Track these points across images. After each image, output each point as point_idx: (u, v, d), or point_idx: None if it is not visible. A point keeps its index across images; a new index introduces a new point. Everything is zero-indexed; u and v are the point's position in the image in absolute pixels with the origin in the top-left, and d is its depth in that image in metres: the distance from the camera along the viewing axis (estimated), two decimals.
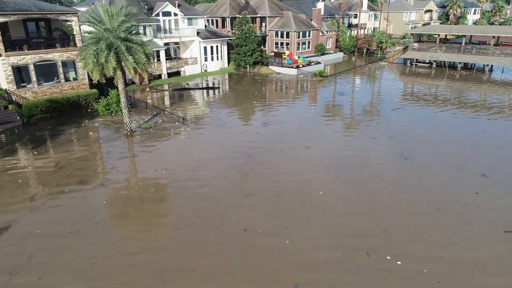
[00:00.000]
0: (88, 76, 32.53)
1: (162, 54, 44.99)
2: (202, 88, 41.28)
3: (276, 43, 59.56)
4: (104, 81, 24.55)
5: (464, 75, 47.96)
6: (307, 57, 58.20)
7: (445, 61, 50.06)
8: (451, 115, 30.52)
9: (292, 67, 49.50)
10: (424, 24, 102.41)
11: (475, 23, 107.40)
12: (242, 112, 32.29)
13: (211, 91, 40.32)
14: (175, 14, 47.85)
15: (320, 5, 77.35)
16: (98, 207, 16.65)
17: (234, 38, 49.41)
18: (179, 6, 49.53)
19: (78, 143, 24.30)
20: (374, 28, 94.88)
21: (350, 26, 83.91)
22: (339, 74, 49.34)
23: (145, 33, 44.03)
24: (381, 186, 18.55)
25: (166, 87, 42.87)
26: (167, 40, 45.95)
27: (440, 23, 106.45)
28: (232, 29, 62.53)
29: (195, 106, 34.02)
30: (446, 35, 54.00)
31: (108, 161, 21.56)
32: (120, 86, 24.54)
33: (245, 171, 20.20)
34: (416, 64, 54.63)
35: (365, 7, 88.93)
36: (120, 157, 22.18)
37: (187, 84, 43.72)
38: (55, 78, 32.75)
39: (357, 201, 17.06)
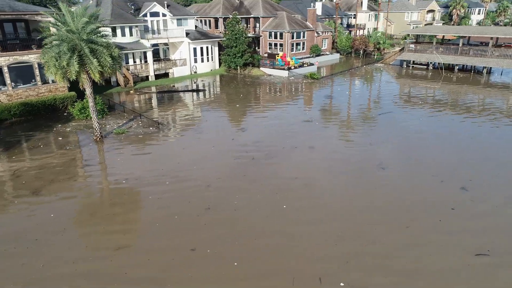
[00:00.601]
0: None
1: (149, 56, 44.02)
2: (187, 91, 40.21)
3: (270, 44, 58.36)
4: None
5: (461, 77, 46.36)
6: (301, 58, 56.94)
7: (440, 63, 48.46)
8: (439, 120, 29.11)
9: (283, 69, 48.26)
10: (426, 25, 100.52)
11: (479, 23, 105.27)
12: (222, 116, 31.16)
13: (196, 94, 39.19)
14: (164, 15, 46.86)
15: (318, 5, 76.13)
16: (42, 222, 15.59)
17: (225, 39, 48.26)
18: (168, 6, 48.54)
19: (44, 149, 23.32)
20: (374, 28, 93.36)
21: (349, 26, 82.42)
22: (331, 76, 48.01)
23: (131, 34, 43.17)
24: (349, 201, 17.28)
25: (153, 89, 41.89)
26: (154, 41, 44.97)
27: (443, 23, 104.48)
28: (225, 30, 61.46)
29: (176, 109, 32.94)
30: (443, 36, 52.30)
31: (69, 169, 20.53)
32: (88, 90, 23.50)
33: (209, 182, 19.04)
34: (413, 66, 53.09)
35: (365, 7, 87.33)
36: (83, 165, 21.17)
37: (173, 86, 42.68)
38: (32, 80, 31.85)
39: (322, 218, 15.84)
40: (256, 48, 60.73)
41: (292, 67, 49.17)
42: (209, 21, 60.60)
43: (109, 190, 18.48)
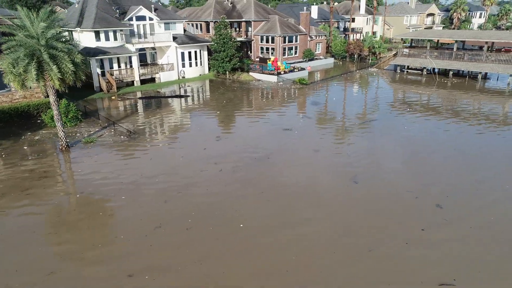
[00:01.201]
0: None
1: (134, 60, 43.10)
2: (170, 97, 39.17)
3: (262, 48, 57.34)
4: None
5: (455, 83, 44.96)
6: (293, 63, 55.83)
7: (435, 68, 47.10)
8: (425, 129, 27.78)
9: (273, 74, 47.13)
10: (426, 28, 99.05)
11: (480, 27, 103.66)
12: (199, 124, 30.06)
13: (179, 100, 38.14)
14: (151, 19, 45.99)
15: (313, 9, 75.20)
16: None
17: (213, 43, 47.26)
18: (156, 10, 47.69)
19: (5, 160, 22.33)
20: (374, 32, 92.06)
21: (346, 30, 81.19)
22: (321, 82, 46.80)
23: (115, 38, 42.30)
24: (312, 219, 16.05)
25: (139, 94, 40.96)
26: (139, 46, 44.06)
27: (443, 27, 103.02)
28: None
29: (154, 116, 31.88)
30: (438, 40, 50.92)
31: (24, 182, 19.49)
32: (51, 98, 22.51)
33: (168, 197, 17.90)
34: (407, 71, 51.75)
35: (362, 11, 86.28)
36: (40, 177, 20.11)
37: (158, 92, 41.71)
38: (6, 86, 30.96)
39: (289, 240, 14.63)
40: (249, 52, 59.77)
41: (282, 72, 48.03)
42: (200, 25, 59.72)
43: (60, 205, 17.40)
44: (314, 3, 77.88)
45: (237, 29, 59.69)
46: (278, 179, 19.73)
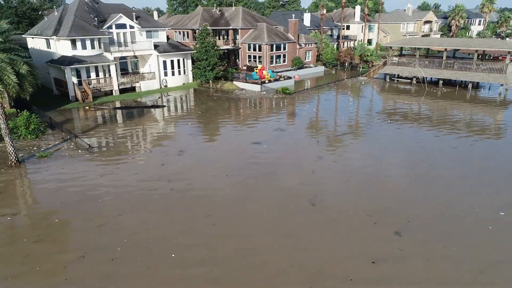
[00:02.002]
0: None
1: (113, 69, 42.01)
2: (145, 107, 37.92)
3: (249, 57, 56.14)
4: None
5: (445, 92, 43.35)
6: (281, 71, 54.55)
7: (424, 77, 45.55)
8: (402, 143, 26.20)
9: (257, 83, 45.81)
10: (423, 36, 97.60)
11: (479, 34, 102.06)
12: (166, 136, 28.71)
13: (155, 110, 36.87)
14: (131, 27, 44.98)
15: (306, 17, 74.15)
16: None
17: (195, 51, 46.12)
18: (138, 18, 46.71)
19: None
20: (369, 39, 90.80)
21: (339, 38, 79.92)
22: (306, 91, 45.39)
23: (93, 47, 41.27)
24: (254, 249, 14.54)
25: (118, 104, 39.80)
26: (118, 54, 42.96)
27: (441, 34, 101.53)
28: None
29: (122, 128, 30.59)
30: (428, 49, 49.41)
31: None
32: None
33: (107, 220, 16.48)
34: (397, 80, 50.22)
35: (357, 18, 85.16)
36: None
37: (135, 101, 40.53)
38: None
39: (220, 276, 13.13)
40: (237, 60, 58.64)
41: (266, 81, 46.70)
42: (187, 32, 58.70)
43: None
44: (307, 11, 76.70)
45: (225, 37, 58.64)
46: (229, 200, 18.26)
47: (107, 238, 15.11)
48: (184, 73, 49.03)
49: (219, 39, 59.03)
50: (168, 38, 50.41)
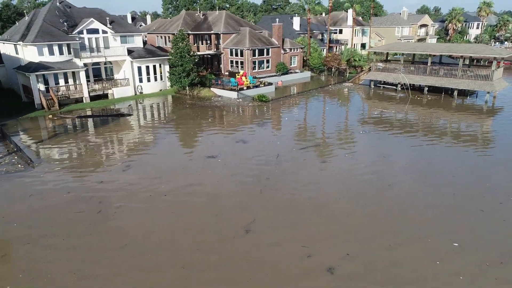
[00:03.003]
0: None
1: (82, 75, 40.50)
2: (110, 116, 36.29)
3: (232, 62, 54.49)
4: None
5: (430, 100, 41.35)
6: (264, 77, 52.86)
7: (407, 84, 43.58)
8: (369, 157, 24.29)
9: (234, 90, 44.08)
10: (419, 40, 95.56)
11: (476, 38, 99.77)
12: (118, 149, 27.00)
13: (119, 119, 35.23)
14: (104, 32, 43.50)
15: (295, 21, 72.49)
16: None
17: (170, 57, 44.53)
18: (112, 22, 45.25)
19: None
20: (362, 44, 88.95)
21: (331, 42, 78.08)
22: (285, 98, 43.56)
23: (61, 53, 39.82)
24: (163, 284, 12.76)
25: (89, 112, 38.30)
26: (88, 60, 41.49)
27: (438, 38, 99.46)
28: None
29: (76, 139, 28.91)
30: (414, 54, 47.47)
31: None
32: None
33: (16, 245, 14.78)
34: (383, 86, 48.29)
35: (350, 22, 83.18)
36: None
37: (103, 109, 38.95)
38: None
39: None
40: (220, 66, 57.03)
41: (245, 88, 44.98)
42: (168, 37, 57.15)
43: None
44: (296, 14, 75.00)
45: (208, 41, 57.09)
46: (160, 227, 16.49)
47: (21, 264, 13.40)
48: (161, 79, 47.45)
49: (202, 44, 57.56)
50: (145, 43, 48.95)
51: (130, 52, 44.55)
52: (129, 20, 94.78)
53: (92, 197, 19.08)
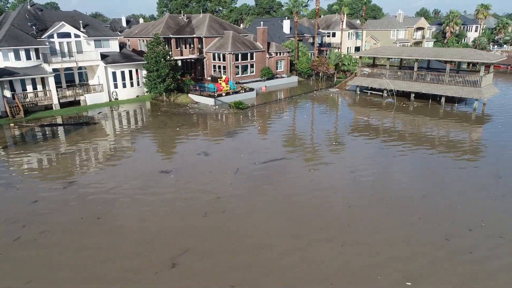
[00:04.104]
0: None
1: (51, 81, 38.75)
2: (73, 124, 34.48)
3: (214, 67, 52.65)
4: None
5: (416, 107, 39.23)
6: (248, 82, 50.98)
7: (392, 90, 41.51)
8: (335, 174, 22.26)
9: (211, 96, 42.18)
10: (415, 43, 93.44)
11: (474, 41, 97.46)
12: (67, 163, 25.08)
13: (83, 127, 33.41)
14: (77, 36, 41.82)
15: (285, 24, 70.66)
16: None
17: (145, 62, 42.72)
18: (86, 26, 43.62)
19: None
20: (356, 47, 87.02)
21: (323, 45, 76.21)
22: (264, 105, 41.58)
23: (28, 58, 38.15)
24: None
25: (59, 119, 36.63)
26: (58, 66, 39.77)
27: (435, 41, 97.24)
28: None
29: (30, 151, 27.07)
30: (401, 59, 45.38)
31: None
32: None
33: None
34: (370, 92, 46.21)
35: (344, 25, 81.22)
36: None
37: (70, 117, 37.16)
38: None
39: None
40: (204, 70, 55.19)
41: (223, 94, 43.09)
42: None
43: None
44: (286, 17, 73.15)
45: (191, 45, 55.30)
46: (86, 256, 14.57)
47: None
48: (138, 85, 45.69)
49: (185, 48, 55.81)
50: (122, 47, 47.25)
51: (104, 56, 42.86)
52: (124, 23, 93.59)
53: (16, 220, 17.17)
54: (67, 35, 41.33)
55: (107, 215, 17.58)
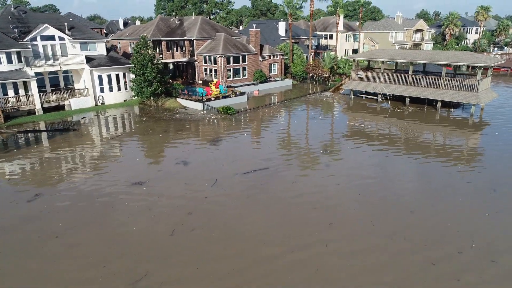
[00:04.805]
0: None
1: (34, 86, 37.50)
2: (51, 131, 33.21)
3: (205, 70, 51.39)
4: None
5: (411, 112, 37.82)
6: (240, 86, 49.69)
7: (387, 94, 40.12)
8: (317, 184, 20.88)
9: (200, 101, 40.87)
10: (414, 45, 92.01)
11: (474, 43, 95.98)
12: (38, 172, 23.76)
13: (65, 133, 32.13)
14: (61, 38, 40.62)
15: (281, 26, 69.35)
16: None
17: (131, 65, 41.47)
18: (72, 28, 42.43)
19: None
20: (354, 49, 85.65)
21: (318, 48, 74.89)
22: (253, 110, 40.23)
23: (10, 61, 36.95)
24: None
25: (43, 125, 35.48)
26: (40, 69, 38.51)
27: (435, 43, 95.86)
28: (159, 54, 55.06)
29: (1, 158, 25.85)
30: (396, 63, 43.97)
31: None
32: None
33: None
34: (365, 97, 44.82)
35: (340, 27, 79.90)
36: None
37: (51, 123, 35.91)
38: None
39: None
40: (196, 74, 53.94)
41: (212, 98, 41.78)
42: None
43: None
44: (282, 19, 71.86)
45: (183, 48, 54.08)
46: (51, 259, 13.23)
47: None
48: (126, 88, 44.41)
49: (177, 50, 54.60)
50: (109, 50, 46.03)
51: (90, 60, 41.63)
52: (121, 25, 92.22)
53: None
54: (51, 37, 40.13)
55: (66, 233, 16.23)
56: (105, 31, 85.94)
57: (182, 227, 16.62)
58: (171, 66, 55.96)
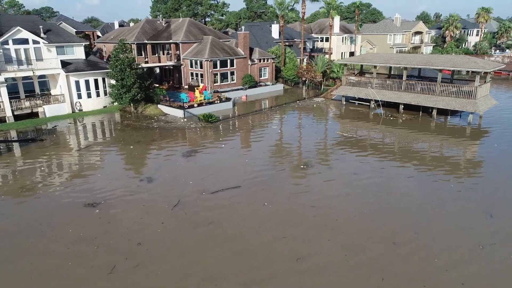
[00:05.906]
0: None
1: (4, 92, 35.41)
2: (15, 141, 30.99)
3: (192, 74, 49.18)
4: None
5: (405, 120, 35.44)
6: (230, 90, 47.54)
7: (378, 100, 37.75)
8: (292, 207, 18.54)
9: (181, 108, 38.62)
10: (413, 48, 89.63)
11: (475, 45, 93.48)
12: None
13: (29, 143, 29.94)
14: (36, 42, 38.47)
15: (274, 28, 67.18)
16: None
17: (109, 70, 39.29)
18: (48, 31, 40.32)
19: None
20: (351, 52, 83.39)
21: (313, 51, 72.61)
22: (237, 118, 37.92)
23: None
24: None
25: (14, 133, 33.27)
26: (11, 74, 36.38)
27: (434, 46, 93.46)
28: (145, 57, 53.05)
29: None
30: (390, 67, 41.60)
31: None
32: None
33: None
34: (358, 103, 42.48)
35: (336, 29, 77.87)
36: None
37: (21, 132, 33.72)
38: None
39: None
40: (182, 78, 51.77)
41: (195, 105, 39.53)
42: None
43: None
44: (275, 22, 69.62)
45: (169, 52, 51.96)
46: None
47: None
48: (106, 94, 42.23)
49: (163, 54, 52.51)
50: (88, 54, 43.86)
51: (67, 64, 39.50)
52: (116, 27, 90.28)
53: None
54: (25, 41, 37.99)
55: None
56: (99, 34, 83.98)
57: (125, 262, 14.30)
58: (157, 70, 53.82)
